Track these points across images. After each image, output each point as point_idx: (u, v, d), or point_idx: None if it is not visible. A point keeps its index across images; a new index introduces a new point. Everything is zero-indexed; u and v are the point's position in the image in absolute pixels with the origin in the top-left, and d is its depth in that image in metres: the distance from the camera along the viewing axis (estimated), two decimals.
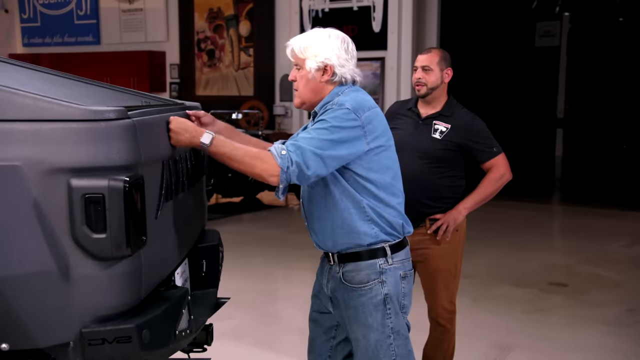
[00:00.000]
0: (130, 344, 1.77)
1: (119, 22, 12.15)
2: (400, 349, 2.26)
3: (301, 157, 2.06)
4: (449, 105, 3.08)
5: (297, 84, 2.29)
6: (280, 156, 2.05)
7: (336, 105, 2.17)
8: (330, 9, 10.04)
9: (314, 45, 2.24)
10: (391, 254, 2.25)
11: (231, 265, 5.04)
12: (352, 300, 2.26)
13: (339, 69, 2.24)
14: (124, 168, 1.79)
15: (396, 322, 2.26)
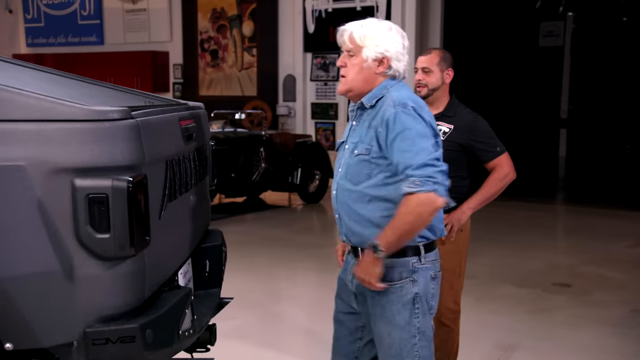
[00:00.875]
0: (133, 343, 1.77)
1: (122, 23, 12.17)
2: (424, 350, 2.25)
3: (429, 168, 2.06)
4: (451, 106, 3.07)
5: (347, 70, 2.26)
6: (419, 185, 2.05)
7: (397, 103, 2.16)
8: (334, 9, 10.04)
9: (375, 35, 2.21)
10: (424, 253, 2.24)
11: (234, 265, 5.04)
12: (381, 297, 2.23)
13: (395, 63, 2.23)
14: (127, 168, 1.79)
15: (423, 323, 2.24)
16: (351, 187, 2.24)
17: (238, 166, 8.15)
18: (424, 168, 2.06)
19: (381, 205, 2.19)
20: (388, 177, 2.17)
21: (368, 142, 2.20)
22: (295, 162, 8.70)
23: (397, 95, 2.19)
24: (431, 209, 2.07)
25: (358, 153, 2.22)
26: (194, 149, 2.43)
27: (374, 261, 2.12)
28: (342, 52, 2.30)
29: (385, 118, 2.15)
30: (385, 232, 2.11)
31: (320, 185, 9.09)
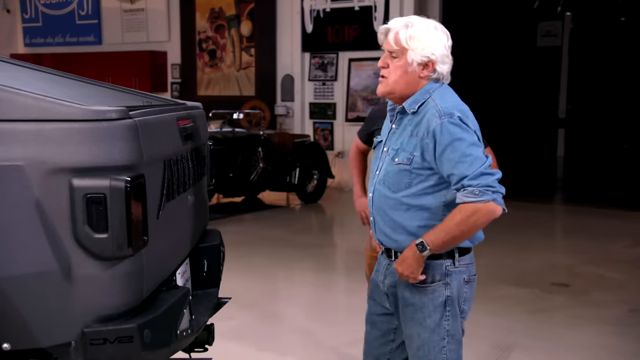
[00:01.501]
0: (131, 343, 1.77)
1: (120, 22, 12.16)
2: (452, 354, 2.24)
3: (486, 177, 2.05)
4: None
5: (389, 71, 2.19)
6: (478, 195, 2.03)
7: (443, 113, 2.10)
8: (332, 9, 10.04)
9: (422, 37, 2.13)
10: (458, 256, 2.21)
11: (233, 265, 5.04)
12: (412, 299, 2.23)
13: (440, 66, 2.16)
14: (125, 168, 1.79)
15: (453, 326, 2.23)
16: (389, 194, 2.21)
17: (236, 166, 8.15)
18: (481, 177, 2.04)
19: (419, 215, 2.17)
20: (428, 187, 2.15)
21: (410, 152, 2.16)
22: (294, 162, 8.70)
23: (441, 104, 2.13)
24: (488, 219, 2.06)
25: (399, 162, 2.18)
26: (191, 148, 2.43)
27: (417, 258, 2.13)
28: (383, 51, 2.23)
29: (431, 129, 2.10)
30: (435, 233, 2.10)
31: (318, 185, 9.09)
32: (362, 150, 3.32)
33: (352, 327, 4.27)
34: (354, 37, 9.94)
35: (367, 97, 9.93)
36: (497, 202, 2.04)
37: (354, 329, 4.22)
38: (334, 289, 5.51)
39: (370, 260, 3.30)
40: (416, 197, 2.17)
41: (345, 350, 3.95)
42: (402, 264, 2.16)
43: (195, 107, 2.71)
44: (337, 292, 5.47)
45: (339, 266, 6.38)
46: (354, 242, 7.09)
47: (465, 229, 2.06)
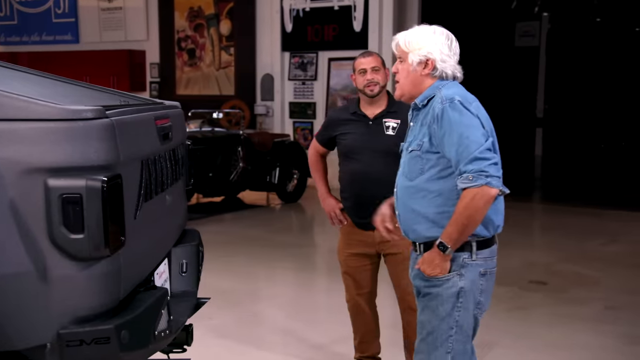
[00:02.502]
0: (108, 345, 1.75)
1: (98, 21, 12.04)
2: (458, 345, 2.31)
3: (480, 162, 2.15)
4: (392, 102, 3.18)
5: (399, 76, 2.39)
6: (472, 180, 2.15)
7: (445, 99, 2.24)
8: (311, 9, 10.04)
9: (418, 40, 2.33)
10: (476, 250, 2.29)
11: (213, 265, 5.02)
12: (429, 288, 2.32)
13: (440, 64, 2.32)
14: (102, 168, 1.77)
15: (463, 317, 2.30)
16: (408, 183, 2.35)
17: (216, 166, 8.12)
18: (474, 162, 2.16)
19: (435, 201, 2.28)
20: (439, 171, 2.26)
21: (420, 139, 2.30)
22: (274, 161, 8.68)
23: (446, 92, 2.28)
24: (484, 201, 2.16)
25: (412, 149, 2.33)
26: (170, 148, 2.41)
27: (442, 258, 2.26)
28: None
29: (435, 114, 2.25)
30: (448, 229, 2.21)
31: (298, 184, 9.08)
32: (322, 154, 3.42)
33: (332, 326, 4.28)
34: (333, 37, 9.95)
35: (347, 96, 9.94)
36: (491, 185, 2.15)
37: (335, 327, 4.23)
38: (314, 288, 5.51)
39: (346, 262, 3.32)
40: (430, 182, 2.28)
41: (326, 349, 3.95)
42: (431, 265, 2.27)
43: (174, 106, 2.69)
44: (318, 291, 5.47)
45: (319, 265, 6.38)
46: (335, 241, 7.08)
47: (469, 215, 2.17)
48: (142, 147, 2.09)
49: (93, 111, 1.80)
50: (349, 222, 3.27)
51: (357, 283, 3.30)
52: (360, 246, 3.25)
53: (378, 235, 3.12)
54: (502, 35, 14.83)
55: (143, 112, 2.20)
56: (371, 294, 3.34)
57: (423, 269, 2.30)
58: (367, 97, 3.16)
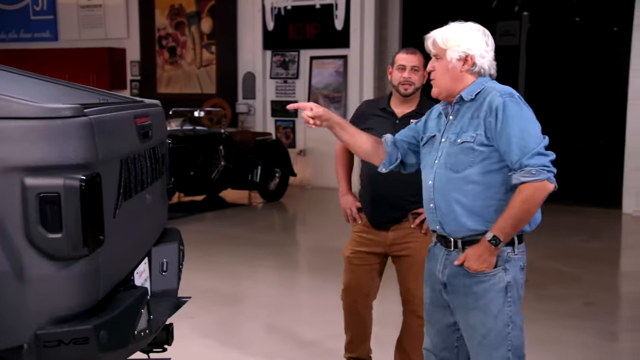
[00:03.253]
0: (87, 345, 1.74)
1: (77, 18, 11.92)
2: (517, 340, 2.28)
3: (541, 158, 2.17)
4: (424, 103, 3.11)
5: (435, 73, 2.35)
6: (535, 174, 2.15)
7: (503, 93, 2.23)
8: (293, 7, 10.03)
9: (456, 37, 2.30)
10: (517, 244, 2.28)
11: (194, 265, 4.99)
12: (474, 286, 2.26)
13: (479, 60, 2.30)
14: (80, 166, 1.76)
15: (514, 311, 2.28)
16: (452, 175, 2.29)
17: (197, 164, 8.08)
18: (538, 157, 2.16)
19: (483, 194, 2.25)
20: (491, 164, 2.24)
21: (473, 131, 2.26)
22: (255, 160, 8.66)
23: (500, 87, 2.27)
24: (543, 195, 2.17)
25: (462, 141, 2.27)
26: (150, 147, 2.40)
27: (492, 252, 2.22)
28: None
29: (494, 107, 2.21)
30: (501, 223, 2.19)
31: (280, 183, 9.07)
32: (348, 149, 3.31)
33: (315, 325, 4.28)
34: (315, 35, 9.94)
35: (329, 95, 9.95)
36: (551, 181, 2.17)
37: (318, 326, 4.23)
38: (296, 287, 5.51)
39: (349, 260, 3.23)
40: (479, 175, 2.25)
41: (309, 348, 3.95)
42: (478, 260, 2.24)
43: (154, 104, 2.67)
44: (300, 290, 5.47)
45: (301, 264, 6.38)
46: (317, 239, 7.10)
47: (527, 208, 2.17)
48: (122, 146, 2.08)
49: (71, 109, 1.78)
50: (364, 221, 3.19)
51: (358, 282, 3.22)
52: (370, 245, 3.17)
53: (391, 236, 3.12)
54: None
55: (122, 110, 2.19)
56: (369, 295, 3.26)
57: (468, 265, 2.25)
58: (399, 94, 3.09)
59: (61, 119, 1.76)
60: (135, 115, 2.27)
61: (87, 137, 1.79)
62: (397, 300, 3.32)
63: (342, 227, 3.34)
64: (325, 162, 9.37)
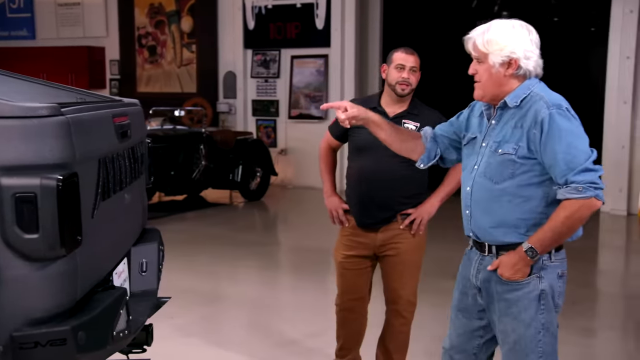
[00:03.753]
0: (65, 346, 1.72)
1: (55, 16, 11.80)
2: (548, 347, 2.24)
3: (591, 174, 2.08)
4: (415, 104, 3.12)
5: (479, 76, 2.25)
6: (582, 192, 2.07)
7: (551, 104, 2.13)
8: (274, 6, 10.01)
9: (499, 39, 2.18)
10: (554, 251, 2.22)
11: (175, 264, 4.97)
12: (507, 293, 2.22)
13: (524, 62, 2.19)
14: (57, 166, 1.74)
15: (547, 319, 2.24)
16: (491, 186, 2.22)
17: (178, 164, 8.04)
18: (585, 173, 2.07)
19: (520, 207, 2.18)
20: (532, 177, 2.16)
21: (515, 142, 2.17)
22: (236, 159, 8.64)
23: (548, 96, 2.16)
24: (589, 213, 2.10)
25: (503, 152, 2.19)
26: (129, 146, 2.38)
27: (526, 262, 2.17)
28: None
29: (539, 119, 2.12)
30: (541, 236, 2.14)
31: (261, 182, 9.05)
32: (334, 147, 3.27)
33: (296, 324, 4.28)
34: (296, 34, 9.93)
35: (310, 94, 9.95)
36: (599, 198, 2.09)
37: (299, 325, 4.23)
38: (277, 287, 5.50)
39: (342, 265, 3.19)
40: (519, 188, 2.18)
41: (290, 347, 3.95)
42: (512, 269, 2.19)
43: (133, 104, 2.65)
44: (281, 289, 5.46)
45: (283, 264, 6.38)
46: (298, 239, 7.10)
47: (570, 224, 2.11)
48: (100, 145, 2.06)
49: (48, 108, 1.77)
50: (352, 224, 3.15)
51: (354, 286, 3.18)
52: (360, 248, 3.14)
53: (380, 237, 3.10)
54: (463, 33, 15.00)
55: (100, 109, 2.17)
56: (365, 299, 3.24)
57: (501, 272, 2.20)
58: (395, 94, 3.05)
59: (38, 118, 1.74)
60: (114, 115, 2.25)
61: (64, 137, 1.77)
62: (379, 299, 3.33)
63: (324, 226, 3.33)
64: (306, 161, 9.38)
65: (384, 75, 3.10)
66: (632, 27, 7.96)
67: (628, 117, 8.05)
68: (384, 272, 3.20)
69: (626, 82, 8.04)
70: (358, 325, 3.28)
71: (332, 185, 3.24)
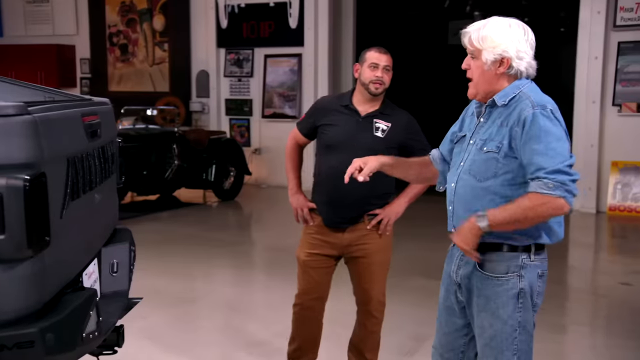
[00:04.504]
0: (32, 349, 1.69)
1: (23, 14, 11.61)
2: (523, 345, 2.25)
3: (563, 176, 2.07)
4: (387, 105, 3.11)
5: (472, 72, 2.26)
6: (551, 189, 2.06)
7: (536, 104, 2.14)
8: (247, 5, 9.97)
9: (493, 36, 2.19)
10: (535, 250, 2.23)
11: (148, 264, 4.92)
12: (486, 289, 2.24)
13: (516, 62, 2.20)
14: (24, 166, 1.72)
15: (524, 318, 2.25)
16: (475, 183, 2.23)
17: (150, 163, 7.97)
18: (558, 174, 2.07)
19: (502, 205, 2.17)
20: (515, 177, 2.17)
21: (499, 141, 2.19)
22: (210, 158, 8.59)
23: (535, 97, 2.17)
24: (554, 214, 2.11)
25: (487, 150, 2.21)
26: (98, 146, 2.35)
27: (474, 231, 2.16)
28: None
29: (522, 117, 2.13)
30: (498, 213, 2.13)
31: (235, 182, 9.02)
32: (301, 144, 3.24)
33: (271, 323, 4.28)
34: (269, 34, 9.92)
35: (283, 93, 9.94)
36: (567, 201, 2.07)
37: (273, 324, 4.23)
38: (252, 286, 5.48)
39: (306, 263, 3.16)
40: (502, 187, 2.19)
41: (264, 347, 3.94)
42: (458, 234, 2.21)
43: (102, 102, 2.62)
44: (256, 289, 5.45)
45: (257, 263, 6.36)
46: (272, 238, 7.08)
47: (529, 216, 2.09)
48: (68, 145, 2.03)
49: (14, 107, 1.74)
50: (318, 222, 3.11)
51: (316, 285, 3.14)
52: (325, 247, 3.10)
53: (347, 238, 3.07)
54: (435, 33, 15.13)
55: (69, 108, 2.14)
56: (324, 299, 3.21)
57: (454, 239, 2.24)
58: (368, 93, 3.03)
59: (4, 117, 1.71)
60: (83, 114, 2.22)
61: (31, 136, 1.75)
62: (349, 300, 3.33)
63: (298, 226, 3.31)
64: (280, 160, 9.29)
65: (357, 74, 3.08)
66: (599, 28, 8.09)
67: (597, 116, 8.19)
68: (353, 274, 3.18)
69: (595, 82, 8.17)
70: (316, 326, 3.23)
71: (298, 183, 3.21)
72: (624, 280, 5.38)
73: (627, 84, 8.09)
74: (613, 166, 8.16)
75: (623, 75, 8.09)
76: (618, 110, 8.10)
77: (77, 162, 2.08)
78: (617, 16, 8.03)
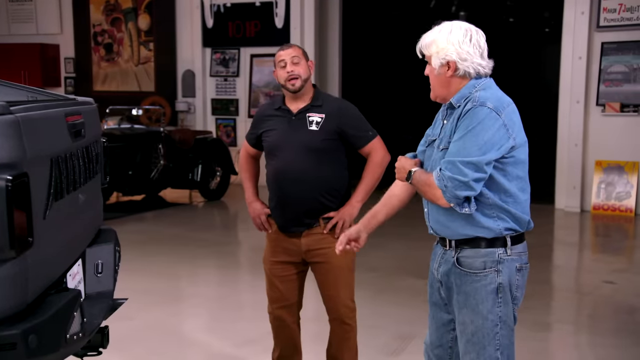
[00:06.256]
0: (15, 350, 1.68)
1: (6, 12, 11.50)
2: (505, 339, 2.28)
3: (453, 169, 2.13)
4: (317, 96, 3.05)
5: (430, 78, 2.33)
6: (438, 179, 2.16)
7: (477, 102, 2.19)
8: (232, 4, 9.95)
9: (437, 42, 2.26)
10: (511, 245, 2.27)
11: (133, 265, 4.90)
12: (465, 285, 2.27)
13: (461, 64, 2.24)
14: (6, 166, 1.70)
15: (505, 313, 2.27)
16: None
17: (135, 163, 7.93)
18: (452, 168, 2.14)
19: (478, 200, 2.21)
20: None
21: (449, 136, 2.26)
22: (196, 158, 8.56)
23: (483, 94, 2.22)
24: (434, 200, 2.22)
25: (442, 148, 2.27)
26: (82, 146, 2.34)
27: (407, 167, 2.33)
28: None
29: (464, 111, 2.22)
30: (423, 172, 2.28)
31: (221, 182, 8.99)
32: (253, 155, 3.25)
33: (257, 323, 4.26)
34: (255, 33, 9.90)
35: (270, 93, 9.92)
36: (445, 196, 2.17)
37: (260, 324, 4.21)
38: (238, 286, 5.47)
39: (270, 271, 3.12)
40: None
41: (250, 347, 3.94)
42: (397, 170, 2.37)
43: (87, 102, 2.61)
44: (242, 289, 5.43)
45: (242, 263, 6.35)
46: (258, 238, 7.05)
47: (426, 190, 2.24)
48: (52, 145, 2.02)
49: None
50: (275, 228, 3.07)
51: (281, 294, 3.09)
52: (285, 254, 3.06)
53: (305, 243, 3.01)
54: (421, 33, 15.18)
55: (52, 108, 2.12)
56: (296, 306, 3.14)
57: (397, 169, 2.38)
58: (289, 92, 2.99)
59: None
60: (66, 113, 2.21)
61: (13, 136, 1.73)
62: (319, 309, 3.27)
63: None
64: None
65: (277, 79, 3.05)
66: (583, 28, 8.15)
67: (581, 116, 8.25)
68: (317, 281, 3.12)
69: (578, 81, 8.23)
70: (292, 333, 3.17)
71: (255, 192, 3.19)
72: (608, 278, 5.42)
73: (610, 84, 8.15)
74: (597, 165, 8.23)
75: (606, 75, 8.15)
76: (602, 110, 8.17)
77: (60, 162, 2.06)
78: (601, 17, 8.09)
